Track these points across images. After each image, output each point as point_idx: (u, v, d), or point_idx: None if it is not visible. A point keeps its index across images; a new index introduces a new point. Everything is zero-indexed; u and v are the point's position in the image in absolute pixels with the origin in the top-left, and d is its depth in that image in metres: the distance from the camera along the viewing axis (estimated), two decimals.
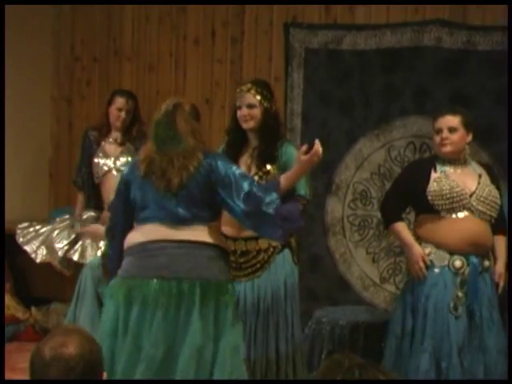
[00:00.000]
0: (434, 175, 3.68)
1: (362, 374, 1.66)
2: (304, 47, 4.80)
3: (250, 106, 3.72)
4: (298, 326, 3.81)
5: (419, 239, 3.74)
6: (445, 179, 3.64)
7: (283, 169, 3.72)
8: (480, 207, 3.62)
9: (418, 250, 3.67)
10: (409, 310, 3.68)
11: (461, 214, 3.62)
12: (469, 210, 3.62)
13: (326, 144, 4.71)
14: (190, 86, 5.23)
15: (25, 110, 5.48)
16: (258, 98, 3.72)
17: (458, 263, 3.62)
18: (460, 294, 3.58)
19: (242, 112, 3.73)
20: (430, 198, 3.63)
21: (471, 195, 3.63)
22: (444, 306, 3.58)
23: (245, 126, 3.75)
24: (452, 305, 3.57)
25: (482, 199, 3.63)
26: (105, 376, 2.00)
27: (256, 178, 3.72)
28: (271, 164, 3.73)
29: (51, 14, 5.63)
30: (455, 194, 3.60)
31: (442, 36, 4.42)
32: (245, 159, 3.79)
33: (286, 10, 4.88)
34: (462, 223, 3.62)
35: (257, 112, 3.72)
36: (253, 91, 3.73)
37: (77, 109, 5.66)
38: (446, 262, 3.62)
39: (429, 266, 3.64)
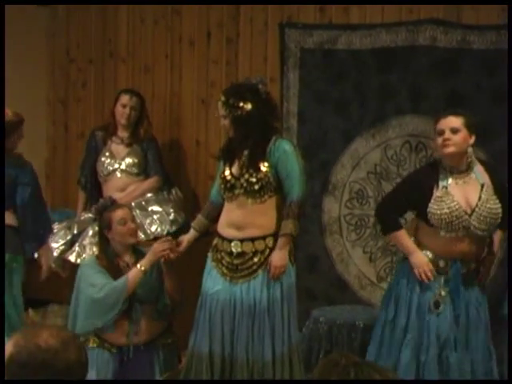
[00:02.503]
0: (435, 193, 3.61)
1: (357, 372, 1.67)
2: (299, 47, 4.81)
3: (222, 117, 3.79)
4: (295, 327, 3.81)
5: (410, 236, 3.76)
6: (446, 198, 3.57)
7: (275, 165, 3.74)
8: (480, 225, 3.59)
9: (421, 256, 3.68)
10: (393, 300, 3.72)
11: (459, 234, 3.59)
12: (468, 228, 3.59)
13: (322, 144, 4.77)
14: (186, 87, 5.24)
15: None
16: (224, 108, 3.76)
17: (441, 263, 3.65)
18: (443, 293, 3.61)
19: (220, 123, 3.82)
20: (429, 216, 3.61)
21: (471, 213, 3.58)
22: (426, 301, 3.62)
23: (229, 134, 3.82)
24: (433, 302, 3.60)
25: (481, 218, 3.58)
26: None
27: (247, 176, 3.74)
28: (263, 162, 3.74)
29: (46, 17, 5.63)
30: (454, 218, 3.56)
31: (436, 35, 4.42)
32: (238, 161, 3.81)
33: (280, 10, 4.89)
34: (457, 243, 3.61)
35: (227, 122, 3.78)
36: (220, 102, 3.79)
37: (72, 111, 5.66)
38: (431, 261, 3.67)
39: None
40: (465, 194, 3.62)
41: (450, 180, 3.64)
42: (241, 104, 3.73)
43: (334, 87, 4.71)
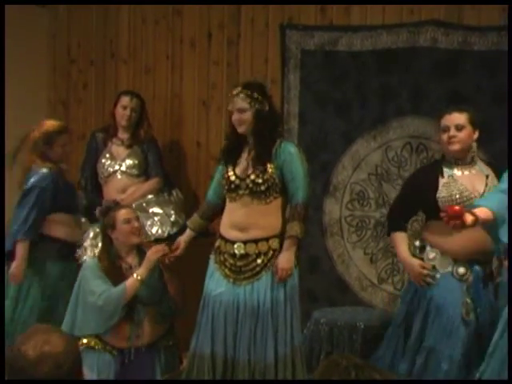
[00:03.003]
0: (442, 181, 3.66)
1: (358, 374, 1.67)
2: (300, 49, 4.81)
3: (241, 111, 3.75)
4: (298, 328, 3.81)
5: (425, 242, 3.75)
6: (453, 183, 3.62)
7: (281, 167, 3.75)
8: None
9: (414, 261, 3.71)
10: (406, 305, 3.74)
11: None
12: None
13: (322, 145, 4.77)
14: (187, 88, 5.24)
15: (21, 114, 5.48)
16: (248, 100, 3.74)
17: (461, 270, 3.64)
18: (468, 300, 3.61)
19: (234, 117, 3.77)
20: (440, 203, 3.62)
21: (481, 197, 3.61)
22: (448, 309, 3.60)
23: (239, 130, 3.79)
24: (464, 311, 3.58)
25: None
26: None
27: (253, 176, 3.74)
28: (269, 163, 3.75)
29: (47, 17, 5.63)
30: (465, 199, 3.59)
31: (437, 36, 4.43)
32: (242, 161, 3.81)
33: (281, 11, 4.89)
34: (470, 230, 3.61)
35: (248, 116, 3.75)
36: (242, 95, 3.76)
37: (73, 112, 5.66)
38: (450, 269, 3.65)
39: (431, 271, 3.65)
40: (471, 182, 3.67)
41: (455, 170, 3.69)
42: (263, 99, 3.77)
43: (334, 88, 4.71)
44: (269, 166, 3.75)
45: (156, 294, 4.00)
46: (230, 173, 3.82)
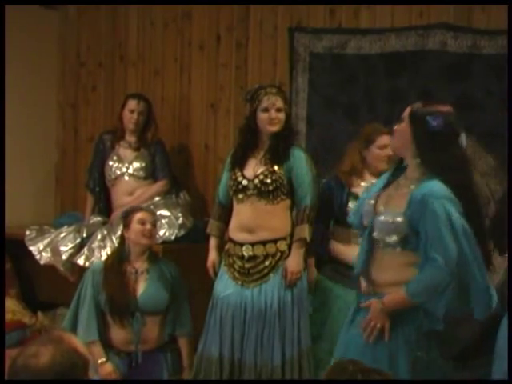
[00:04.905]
0: None
1: (364, 378, 1.67)
2: (309, 52, 4.81)
3: (279, 110, 3.78)
4: (306, 331, 3.80)
5: None
6: None
7: (289, 171, 3.76)
8: None
9: None
10: None
11: None
12: None
13: (331, 148, 4.76)
14: (195, 90, 5.24)
15: (31, 116, 5.50)
16: (283, 101, 3.83)
17: None
18: None
19: (271, 115, 3.78)
20: None
21: None
22: None
23: (271, 128, 3.79)
24: None
25: None
26: None
27: (261, 177, 3.75)
28: (278, 165, 3.76)
29: (57, 20, 5.65)
30: None
31: (446, 40, 4.42)
32: (253, 160, 3.82)
33: (290, 14, 4.89)
34: None
35: (283, 116, 3.81)
36: (280, 96, 3.83)
37: (82, 114, 5.67)
38: None
39: None
40: None
41: None
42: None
43: (343, 92, 4.71)
44: (277, 167, 3.77)
45: (159, 303, 3.99)
46: (238, 174, 3.83)
